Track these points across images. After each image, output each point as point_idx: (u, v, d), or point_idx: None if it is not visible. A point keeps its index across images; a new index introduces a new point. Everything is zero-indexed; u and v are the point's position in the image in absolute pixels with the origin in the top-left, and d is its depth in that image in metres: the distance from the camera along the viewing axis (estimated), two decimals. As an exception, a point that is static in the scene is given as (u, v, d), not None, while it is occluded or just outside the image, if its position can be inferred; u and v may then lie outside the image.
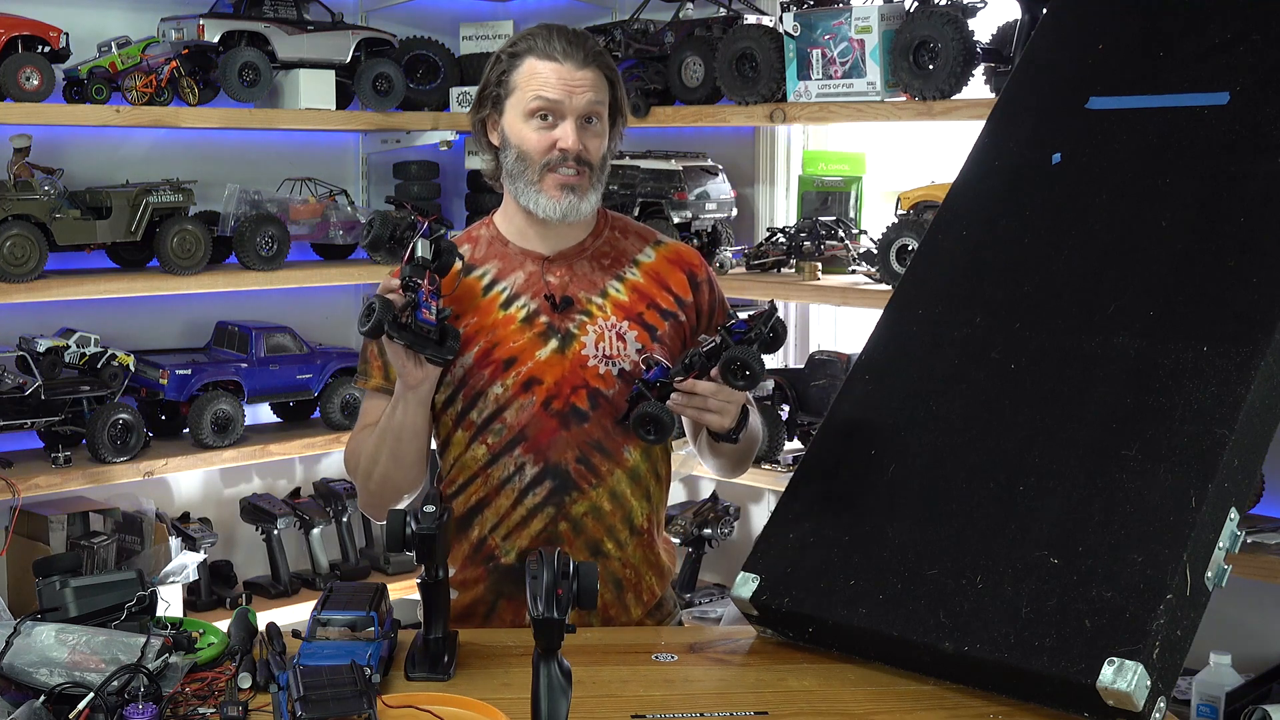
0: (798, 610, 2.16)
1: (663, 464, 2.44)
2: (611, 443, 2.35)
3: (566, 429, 2.32)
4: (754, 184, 4.15)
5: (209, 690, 1.96)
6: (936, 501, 2.14)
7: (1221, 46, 2.37)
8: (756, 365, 2.17)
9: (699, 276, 2.45)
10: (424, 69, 4.27)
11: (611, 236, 2.43)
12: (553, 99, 2.29)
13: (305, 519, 4.01)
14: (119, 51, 3.61)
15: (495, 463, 2.34)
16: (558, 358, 2.33)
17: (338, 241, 4.09)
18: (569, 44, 2.31)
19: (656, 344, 2.37)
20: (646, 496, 2.40)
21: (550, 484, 2.32)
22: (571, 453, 2.33)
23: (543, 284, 2.36)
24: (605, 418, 2.34)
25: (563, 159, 2.30)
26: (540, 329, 2.34)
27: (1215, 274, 2.12)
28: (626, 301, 2.38)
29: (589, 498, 2.33)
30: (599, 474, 2.34)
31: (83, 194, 3.64)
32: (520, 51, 2.33)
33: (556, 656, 1.77)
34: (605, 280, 2.39)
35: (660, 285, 2.42)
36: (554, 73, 2.30)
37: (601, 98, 2.33)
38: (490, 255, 2.40)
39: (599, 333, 2.34)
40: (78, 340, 3.56)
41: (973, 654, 1.96)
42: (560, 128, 2.30)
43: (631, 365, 2.35)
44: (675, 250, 2.47)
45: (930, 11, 3.28)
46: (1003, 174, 2.51)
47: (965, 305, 2.34)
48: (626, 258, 2.42)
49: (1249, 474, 1.99)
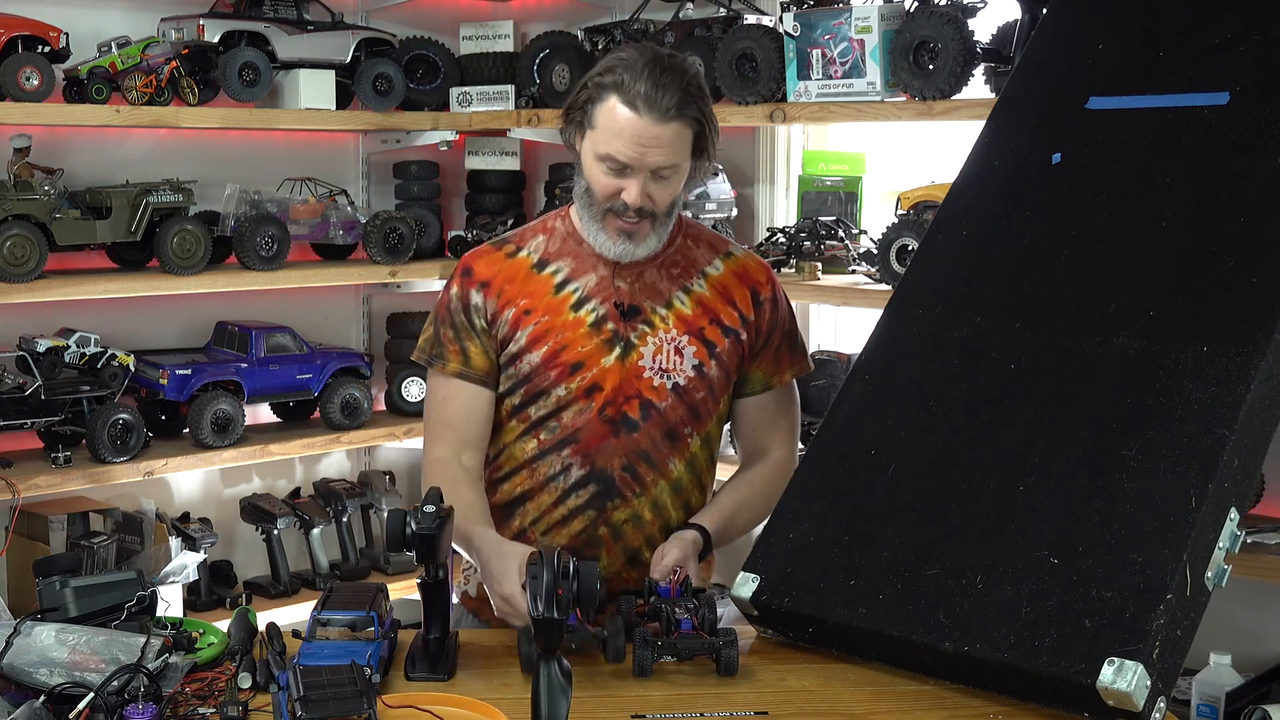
0: (798, 610, 2.16)
1: (707, 474, 2.45)
2: (658, 454, 2.36)
3: (616, 436, 2.34)
4: (754, 184, 4.15)
5: (209, 690, 1.96)
6: (936, 501, 2.14)
7: (1221, 46, 2.37)
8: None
9: (763, 295, 2.45)
10: (424, 69, 4.27)
11: (684, 245, 2.43)
12: (623, 161, 2.25)
13: (305, 519, 4.01)
14: (119, 51, 3.61)
15: (543, 459, 2.37)
16: (618, 365, 2.34)
17: (338, 241, 4.09)
18: (654, 88, 2.21)
19: (714, 360, 2.38)
20: (687, 506, 2.41)
21: (594, 488, 2.34)
22: (618, 460, 2.34)
23: (613, 289, 2.36)
24: (655, 429, 2.35)
25: (624, 208, 2.29)
26: (607, 336, 2.35)
27: (1215, 274, 2.12)
28: (690, 315, 2.38)
29: (631, 506, 2.35)
30: (643, 483, 2.36)
31: (83, 194, 3.63)
32: (607, 85, 2.26)
33: (556, 656, 1.77)
34: (672, 290, 2.39)
35: (725, 300, 2.42)
36: (630, 126, 2.23)
37: (677, 154, 2.27)
38: (564, 252, 2.40)
39: (658, 345, 2.35)
40: (78, 340, 3.56)
41: (973, 654, 1.96)
42: (627, 181, 2.27)
43: (687, 380, 2.36)
44: (743, 264, 2.46)
45: (930, 11, 3.28)
46: (1003, 174, 2.51)
47: (965, 305, 2.34)
48: (695, 268, 2.42)
49: (1249, 474, 1.99)
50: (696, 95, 2.26)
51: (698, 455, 2.42)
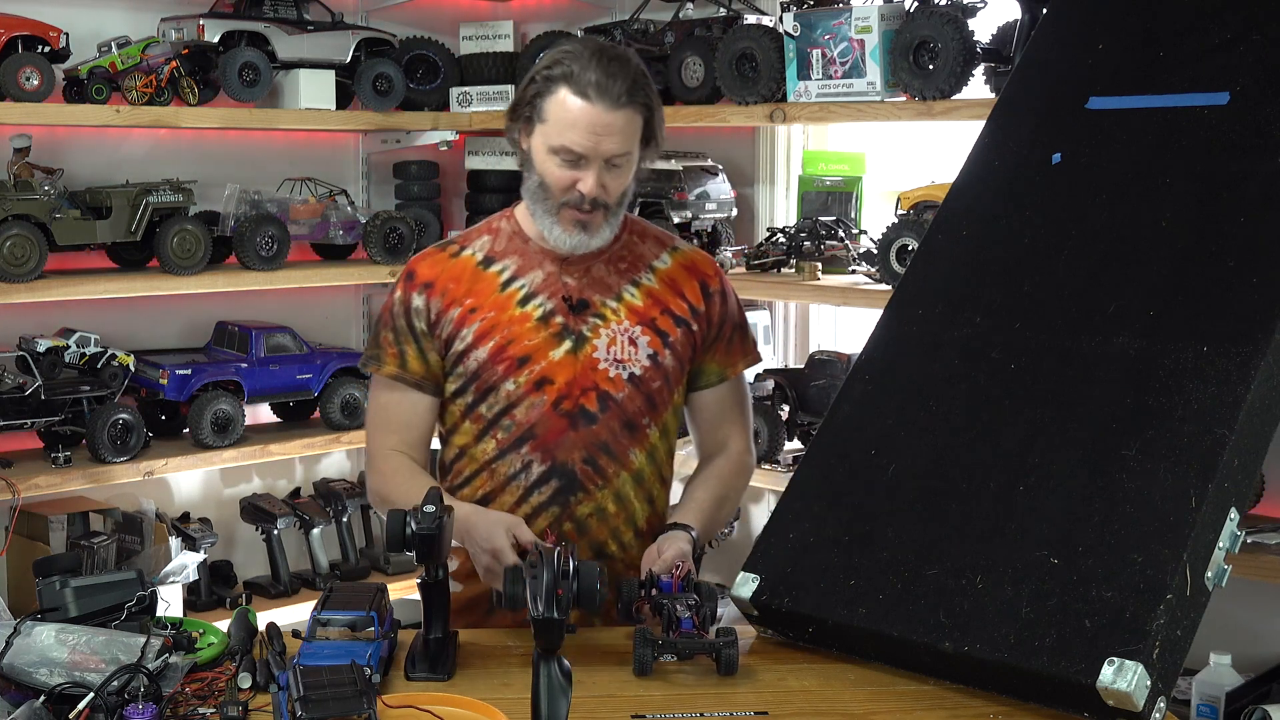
0: (798, 610, 2.16)
1: (667, 467, 2.45)
2: (618, 445, 2.36)
3: (575, 429, 2.33)
4: (754, 184, 4.15)
5: (209, 690, 1.96)
6: (936, 501, 2.14)
7: (1221, 46, 2.37)
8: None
9: (712, 287, 2.46)
10: (424, 69, 4.27)
11: (630, 240, 2.44)
12: (578, 152, 2.26)
13: (305, 519, 4.01)
14: (119, 51, 3.61)
15: (503, 458, 2.36)
16: (570, 359, 2.34)
17: (338, 241, 4.09)
18: (605, 76, 2.23)
19: (668, 350, 2.38)
20: (650, 499, 2.41)
21: (556, 483, 2.34)
22: (578, 453, 2.34)
23: (560, 285, 2.37)
24: (613, 420, 2.35)
25: (580, 199, 2.29)
26: (555, 329, 2.34)
27: (1215, 274, 2.12)
28: (641, 306, 2.39)
29: (594, 499, 2.34)
30: (605, 476, 2.35)
31: (83, 194, 3.63)
32: (556, 77, 2.27)
33: (557, 656, 1.77)
34: (621, 284, 2.39)
35: (675, 292, 2.42)
36: (584, 116, 2.24)
37: (629, 141, 2.29)
38: (510, 250, 2.41)
39: (611, 336, 2.35)
40: (78, 340, 3.56)
41: (973, 654, 1.96)
42: (582, 172, 2.28)
43: (643, 370, 2.35)
44: (690, 258, 2.48)
45: (930, 11, 3.28)
46: (1003, 174, 2.51)
47: (965, 305, 2.34)
48: (643, 263, 2.43)
49: (1249, 474, 1.99)
50: (644, 82, 2.30)
51: (657, 446, 2.42)
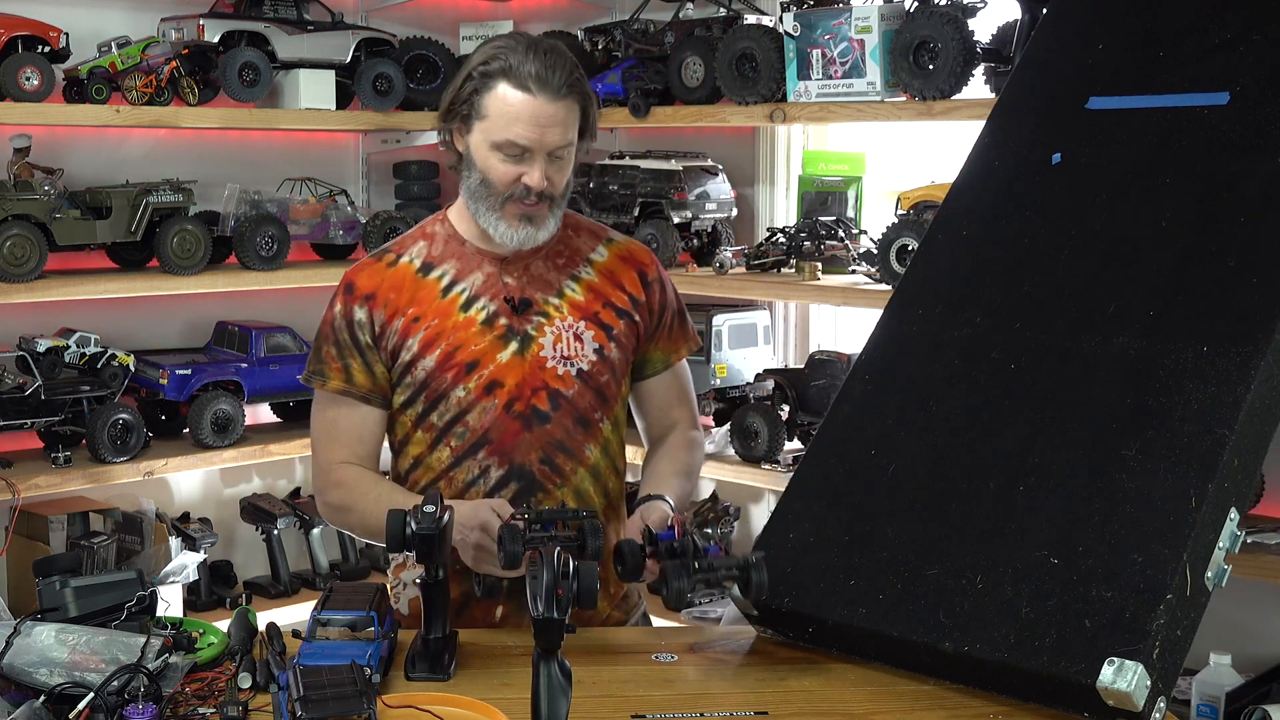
0: (798, 610, 2.16)
1: (620, 459, 2.46)
2: (573, 442, 2.35)
3: (529, 430, 2.33)
4: (754, 184, 4.15)
5: (209, 690, 1.96)
6: (936, 501, 2.14)
7: (1221, 46, 2.37)
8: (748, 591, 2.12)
9: (650, 275, 2.46)
10: (424, 69, 4.27)
11: (565, 235, 2.42)
12: (522, 145, 2.26)
13: (305, 519, 4.01)
14: (119, 51, 3.61)
15: (459, 465, 2.34)
16: (518, 360, 2.33)
17: (338, 241, 4.09)
18: (544, 68, 2.24)
19: (613, 343, 2.38)
20: (606, 492, 2.41)
21: (516, 486, 2.33)
22: (535, 454, 2.33)
23: (501, 285, 2.36)
24: (566, 417, 2.35)
25: (526, 193, 2.29)
26: (500, 331, 2.34)
27: (1215, 274, 2.12)
28: (583, 301, 2.38)
29: (554, 498, 2.34)
30: (563, 474, 2.35)
31: (83, 194, 3.64)
32: (493, 72, 2.26)
33: (556, 656, 1.76)
34: (561, 280, 2.39)
35: (614, 284, 2.42)
36: (526, 108, 2.24)
37: (571, 132, 2.29)
38: (448, 254, 2.39)
39: (556, 334, 2.35)
40: (78, 340, 3.56)
41: (973, 654, 1.96)
42: (528, 165, 2.27)
43: (590, 365, 2.36)
44: (627, 248, 2.48)
45: (930, 11, 3.28)
46: (1003, 174, 2.51)
47: (965, 305, 2.34)
48: (580, 256, 2.42)
49: (1249, 474, 1.99)
50: (579, 73, 2.30)
51: (610, 439, 2.41)
